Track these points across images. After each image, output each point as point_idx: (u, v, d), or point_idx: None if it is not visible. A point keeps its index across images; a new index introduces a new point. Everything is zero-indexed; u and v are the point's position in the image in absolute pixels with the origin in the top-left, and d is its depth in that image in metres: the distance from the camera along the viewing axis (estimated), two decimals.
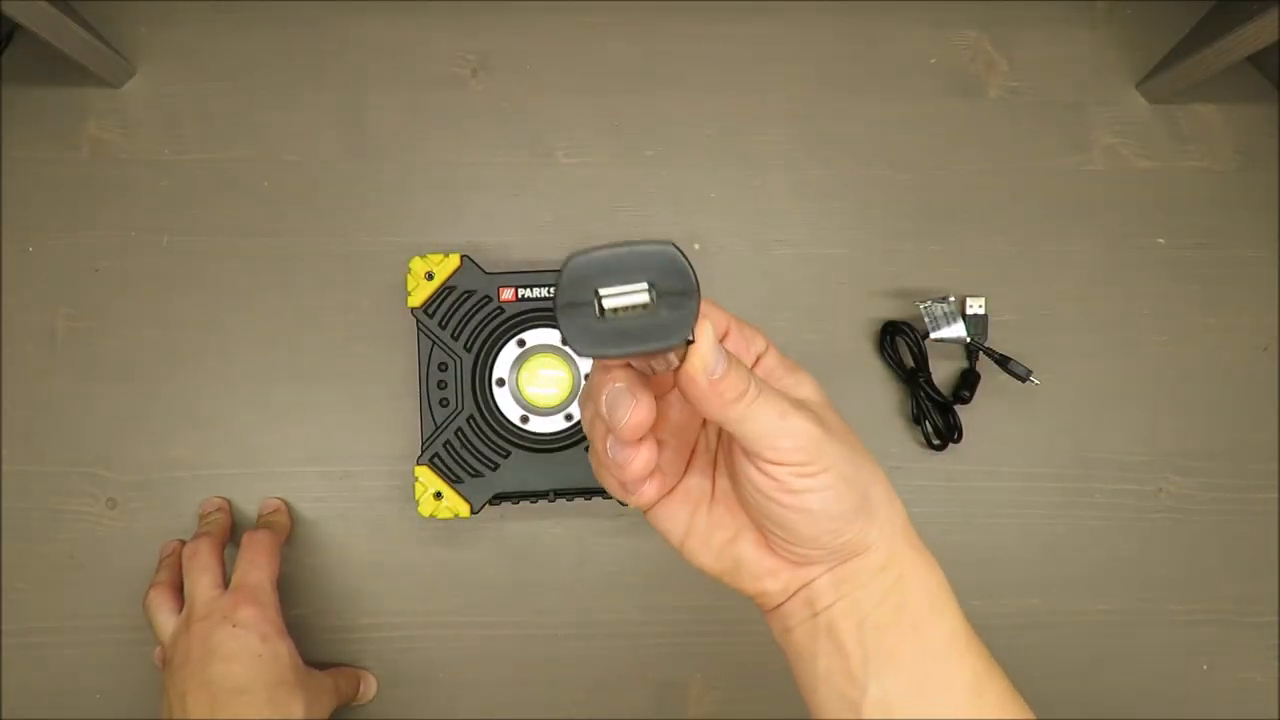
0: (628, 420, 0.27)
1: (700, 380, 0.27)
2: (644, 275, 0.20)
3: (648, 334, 0.19)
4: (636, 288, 0.19)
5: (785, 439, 0.28)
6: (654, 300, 0.19)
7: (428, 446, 0.51)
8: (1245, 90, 0.61)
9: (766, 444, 0.28)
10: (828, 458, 0.29)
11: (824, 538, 0.30)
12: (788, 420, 0.28)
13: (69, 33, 0.51)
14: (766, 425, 0.28)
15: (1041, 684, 0.57)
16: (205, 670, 0.44)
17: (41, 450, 0.55)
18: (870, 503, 0.30)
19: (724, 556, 0.32)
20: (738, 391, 0.27)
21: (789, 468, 0.28)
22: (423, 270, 0.52)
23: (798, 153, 0.60)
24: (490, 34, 0.60)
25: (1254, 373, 0.59)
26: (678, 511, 0.33)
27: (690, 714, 0.56)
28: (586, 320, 0.20)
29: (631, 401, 0.27)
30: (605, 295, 0.19)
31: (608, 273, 0.20)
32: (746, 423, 0.28)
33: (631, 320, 0.19)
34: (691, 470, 0.33)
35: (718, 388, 0.27)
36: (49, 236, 0.57)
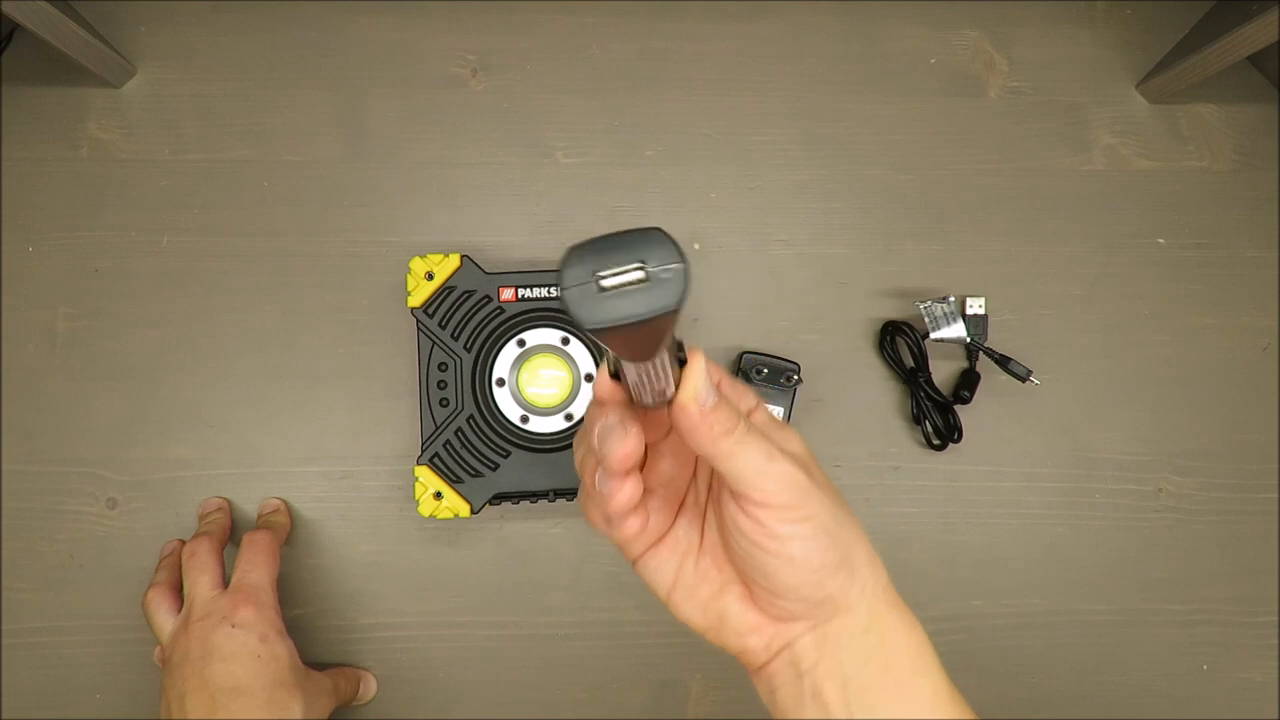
0: (617, 450, 0.29)
1: (691, 409, 0.28)
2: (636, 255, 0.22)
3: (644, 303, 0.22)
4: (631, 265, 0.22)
5: (771, 480, 0.29)
6: (647, 275, 0.22)
7: (428, 446, 0.51)
8: (1245, 90, 0.61)
9: (753, 484, 0.29)
10: (811, 505, 0.29)
11: (805, 588, 0.30)
12: (775, 462, 0.29)
13: (69, 33, 0.51)
14: (754, 465, 0.29)
15: (1041, 684, 0.57)
16: (204, 670, 0.44)
17: (41, 450, 0.55)
18: (852, 560, 0.31)
19: (709, 611, 0.33)
20: (726, 426, 0.28)
21: (773, 510, 0.29)
22: (423, 270, 0.52)
23: (798, 153, 0.60)
24: (490, 34, 0.60)
25: (1254, 373, 0.59)
26: (664, 562, 0.34)
27: (690, 714, 0.56)
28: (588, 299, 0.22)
29: (622, 433, 0.29)
30: (603, 275, 0.22)
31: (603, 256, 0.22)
32: (734, 459, 0.29)
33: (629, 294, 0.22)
34: (680, 521, 0.34)
35: (708, 419, 0.28)
36: (49, 236, 0.57)
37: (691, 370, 0.28)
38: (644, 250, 0.23)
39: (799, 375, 0.55)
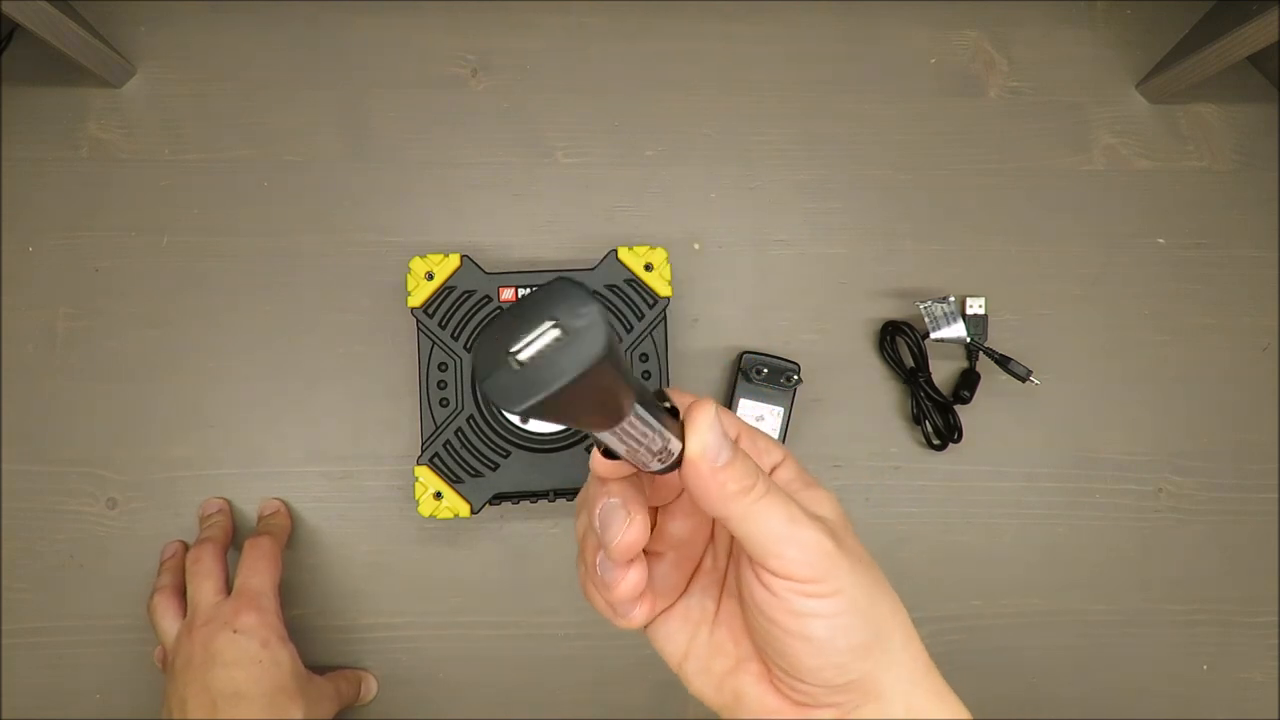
0: (619, 540, 0.26)
1: (701, 466, 0.25)
2: (544, 315, 0.20)
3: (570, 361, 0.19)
4: (541, 327, 0.19)
5: (792, 547, 0.25)
6: (563, 330, 0.19)
7: (428, 446, 0.51)
8: (1245, 90, 0.61)
9: (771, 551, 0.26)
10: (839, 579, 0.26)
11: (828, 672, 0.27)
12: (797, 527, 0.26)
13: (69, 33, 0.51)
14: (772, 529, 0.25)
15: (1041, 684, 0.57)
16: (206, 675, 0.45)
17: (41, 450, 0.55)
18: (884, 641, 0.27)
19: (724, 689, 0.29)
20: (742, 485, 0.25)
21: (794, 583, 0.26)
22: (423, 270, 0.52)
23: (798, 153, 0.60)
24: (490, 34, 0.60)
25: (1254, 373, 0.59)
26: (675, 631, 0.31)
27: (690, 714, 0.56)
28: (509, 381, 0.19)
29: (625, 520, 0.26)
30: (515, 350, 0.20)
31: (510, 330, 0.20)
32: (751, 521, 0.25)
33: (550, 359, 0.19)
34: (693, 587, 0.31)
35: (720, 477, 0.25)
36: (49, 236, 0.57)
37: (698, 423, 0.25)
38: (551, 307, 0.20)
39: (799, 375, 0.55)
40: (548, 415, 0.20)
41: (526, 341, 0.19)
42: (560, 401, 0.19)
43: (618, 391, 0.21)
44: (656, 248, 0.53)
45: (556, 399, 0.19)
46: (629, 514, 0.26)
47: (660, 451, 0.25)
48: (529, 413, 0.20)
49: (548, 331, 0.19)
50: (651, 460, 0.25)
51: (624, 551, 0.26)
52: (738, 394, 0.55)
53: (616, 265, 0.52)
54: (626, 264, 0.52)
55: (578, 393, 0.19)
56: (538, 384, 0.19)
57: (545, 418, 0.20)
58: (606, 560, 0.27)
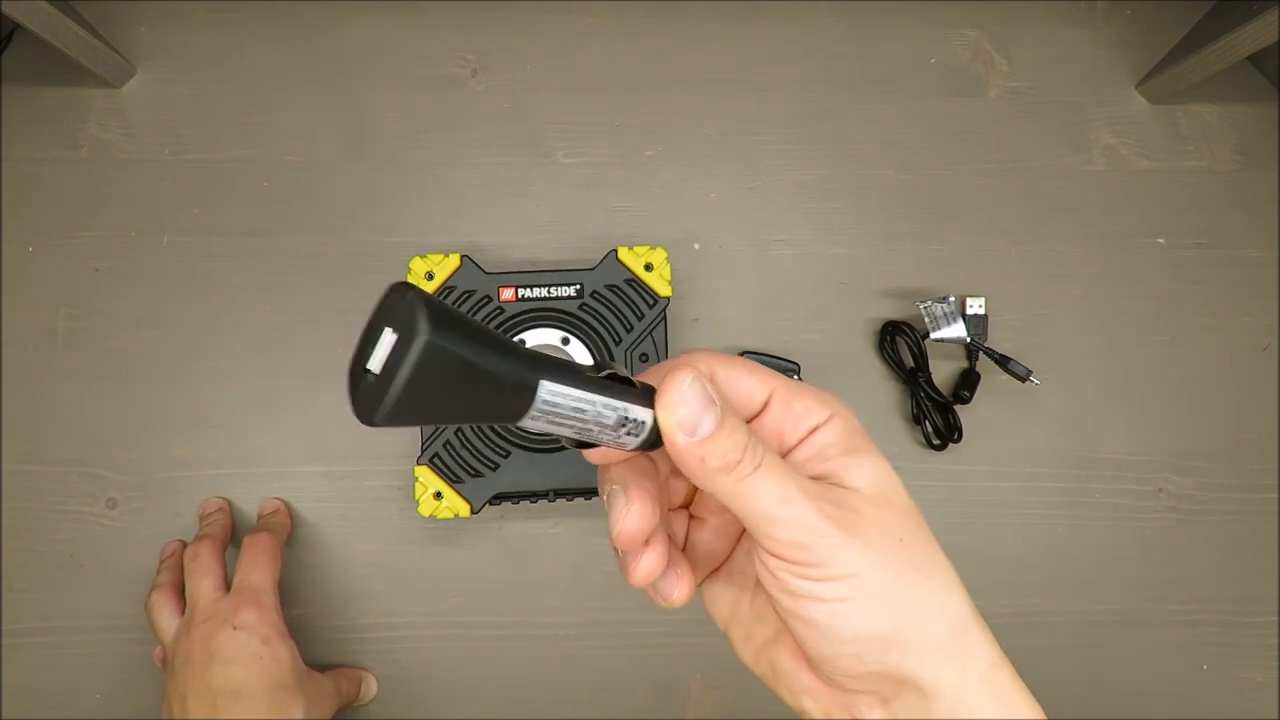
0: (618, 530, 0.25)
1: (677, 439, 0.23)
2: (381, 325, 0.20)
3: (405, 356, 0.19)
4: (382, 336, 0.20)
5: (781, 528, 0.23)
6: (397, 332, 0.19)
7: (428, 446, 0.51)
8: (1245, 90, 0.61)
9: (763, 530, 0.24)
10: (844, 563, 0.23)
11: (841, 662, 0.24)
12: (789, 507, 0.23)
13: (69, 33, 0.51)
14: (761, 507, 0.23)
15: (1041, 684, 0.56)
16: (206, 672, 0.44)
17: (41, 450, 0.55)
18: (917, 635, 0.24)
19: (761, 659, 0.28)
20: (725, 460, 0.23)
21: (786, 565, 0.24)
22: (423, 270, 0.52)
23: (798, 153, 0.60)
24: (490, 34, 0.60)
25: (1254, 373, 0.59)
26: (720, 594, 0.29)
27: (690, 714, 0.56)
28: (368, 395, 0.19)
29: (623, 507, 0.25)
30: (369, 364, 0.20)
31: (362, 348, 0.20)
32: (739, 498, 0.23)
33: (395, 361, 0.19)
34: (736, 553, 0.29)
35: (697, 451, 0.23)
36: (49, 236, 0.57)
37: (667, 394, 0.23)
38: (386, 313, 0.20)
39: (799, 375, 0.55)
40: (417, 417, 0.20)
41: (374, 353, 0.20)
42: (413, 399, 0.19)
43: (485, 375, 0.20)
44: (656, 248, 0.53)
45: (406, 398, 0.19)
46: (627, 500, 0.25)
47: (622, 425, 0.24)
48: (392, 420, 0.19)
49: (387, 336, 0.19)
50: (620, 437, 0.24)
51: (624, 540, 0.25)
52: None
53: (616, 265, 0.52)
54: (626, 264, 0.52)
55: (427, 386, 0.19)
56: (385, 390, 0.19)
57: (418, 420, 0.20)
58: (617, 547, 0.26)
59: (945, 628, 0.25)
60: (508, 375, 0.21)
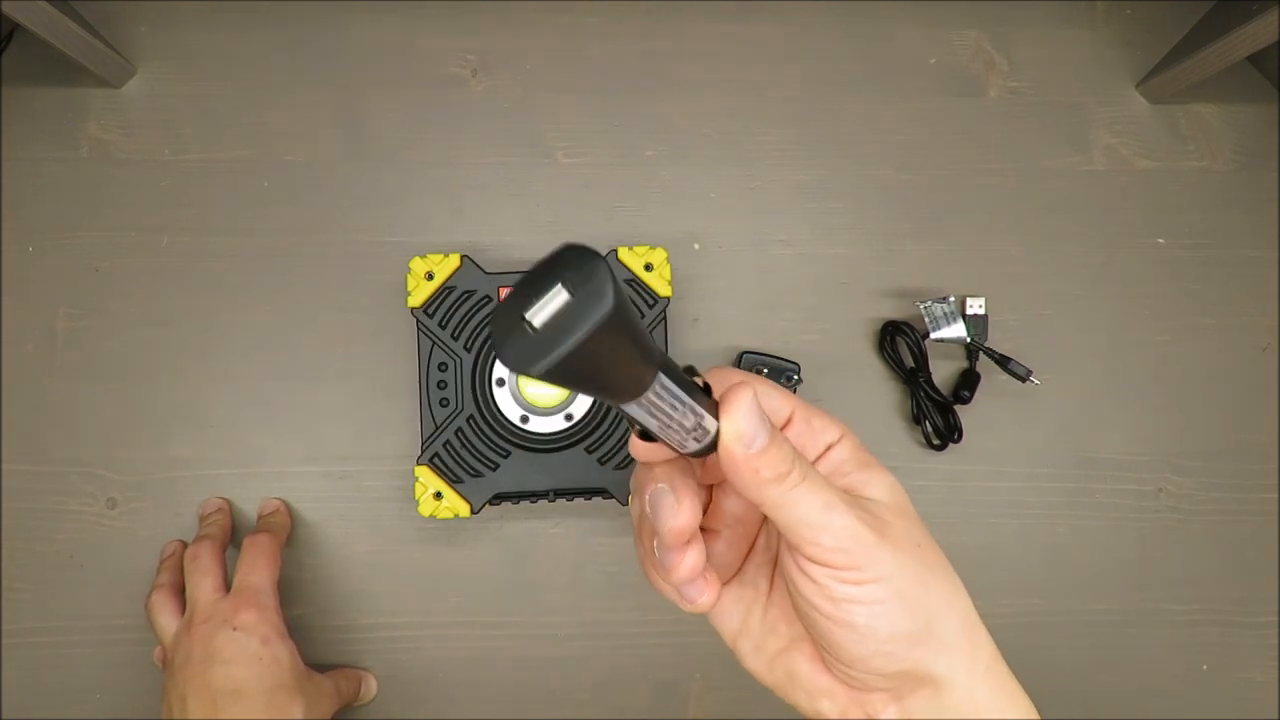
0: (669, 525, 0.26)
1: (735, 450, 0.25)
2: (553, 280, 0.20)
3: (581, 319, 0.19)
4: (552, 292, 0.20)
5: (826, 535, 0.25)
6: (573, 294, 0.20)
7: (428, 446, 0.51)
8: (1245, 90, 0.61)
9: (806, 537, 0.25)
10: (879, 566, 0.26)
11: (875, 661, 0.26)
12: (832, 514, 0.25)
13: (69, 33, 0.51)
14: (807, 515, 0.25)
15: (1041, 684, 0.56)
16: (206, 673, 0.45)
17: (41, 450, 0.55)
18: (937, 630, 0.27)
19: (776, 667, 0.30)
20: (777, 471, 0.25)
21: (830, 570, 0.26)
22: (423, 270, 0.52)
23: (798, 153, 0.60)
24: (490, 34, 0.60)
25: (1254, 373, 0.59)
26: (730, 608, 0.31)
27: (690, 714, 0.56)
28: (524, 346, 0.20)
29: (673, 504, 0.26)
30: (527, 315, 0.20)
31: (521, 298, 0.20)
32: (786, 509, 0.25)
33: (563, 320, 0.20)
34: (747, 567, 0.31)
35: (753, 463, 0.25)
36: (49, 236, 0.57)
37: (733, 406, 0.25)
38: (560, 271, 0.20)
39: (799, 375, 0.55)
40: (566, 379, 0.20)
41: (538, 306, 0.20)
42: (575, 362, 0.19)
43: (634, 356, 0.21)
44: (656, 248, 0.53)
45: (570, 359, 0.19)
46: (677, 499, 0.26)
47: (694, 430, 0.25)
48: (547, 376, 0.20)
49: (558, 294, 0.20)
50: (687, 439, 0.25)
51: (676, 536, 0.26)
52: None
53: (616, 265, 0.52)
54: (626, 264, 0.52)
55: (591, 353, 0.20)
56: (551, 346, 0.19)
57: (564, 382, 0.20)
58: (662, 544, 0.27)
59: (959, 624, 0.27)
60: (639, 361, 0.22)
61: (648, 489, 0.26)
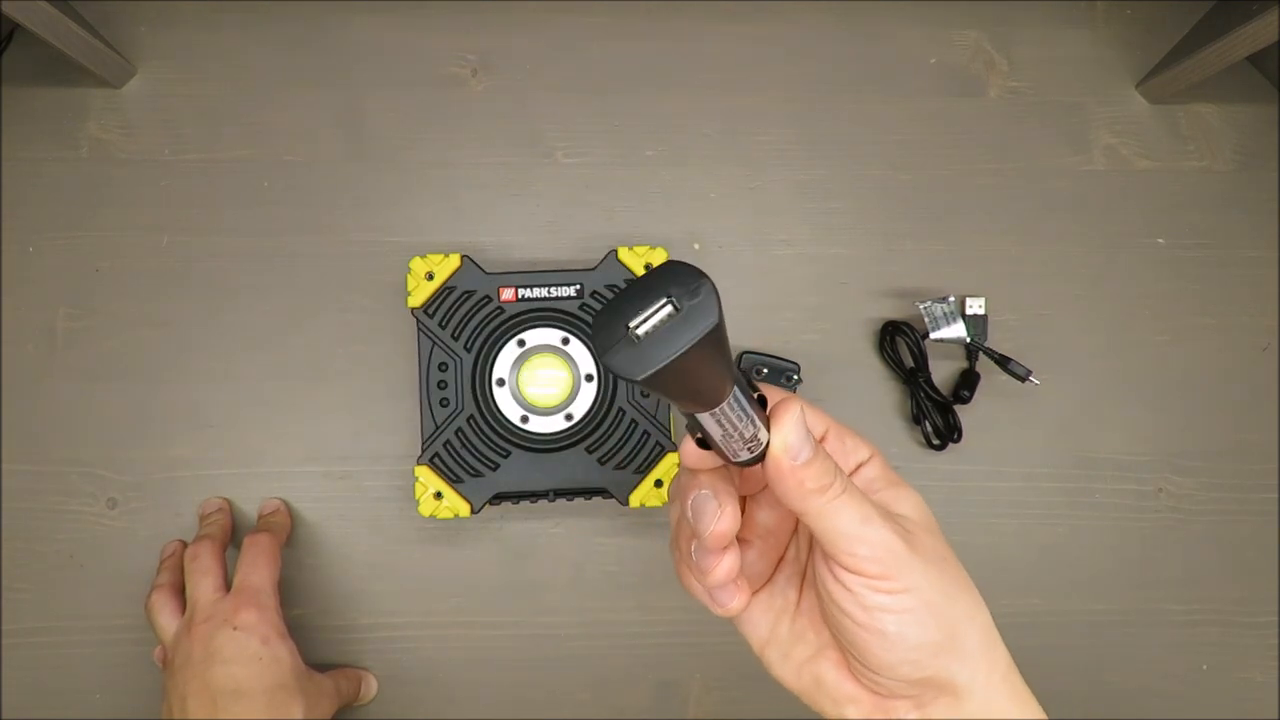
0: (712, 529, 0.27)
1: (783, 462, 0.27)
2: (660, 293, 0.21)
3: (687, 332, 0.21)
4: (657, 304, 0.21)
5: (863, 546, 0.27)
6: (678, 305, 0.21)
7: (428, 446, 0.51)
8: (1245, 90, 0.61)
9: (843, 547, 0.27)
10: (910, 577, 0.27)
11: (902, 668, 0.28)
12: (870, 527, 0.27)
13: (69, 33, 0.51)
14: (846, 526, 0.27)
15: (1041, 684, 0.56)
16: (206, 673, 0.45)
17: (41, 450, 0.55)
18: (960, 640, 0.28)
19: (803, 674, 0.31)
20: (820, 483, 0.27)
21: (865, 580, 0.27)
22: (423, 270, 0.52)
23: (798, 153, 0.60)
24: (490, 34, 0.60)
25: (1254, 373, 0.59)
26: (759, 617, 0.32)
27: (690, 714, 0.56)
28: (628, 353, 0.21)
29: (716, 509, 0.27)
30: (634, 324, 0.21)
31: (628, 307, 0.21)
32: (826, 519, 0.27)
33: (667, 332, 0.21)
34: (778, 576, 0.33)
35: (799, 474, 0.27)
36: (49, 236, 0.57)
37: (783, 420, 0.27)
38: (665, 285, 0.22)
39: (799, 375, 0.55)
40: (662, 387, 0.22)
41: (644, 317, 0.21)
42: (675, 372, 0.21)
43: (723, 369, 0.23)
44: (656, 248, 0.53)
45: (672, 369, 0.21)
46: (720, 504, 0.27)
47: (750, 440, 0.27)
48: (648, 383, 0.21)
49: (664, 307, 0.21)
50: (741, 449, 0.27)
51: (717, 540, 0.28)
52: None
53: (616, 265, 0.52)
54: (626, 264, 0.52)
55: (690, 365, 0.21)
56: (655, 356, 0.21)
57: (660, 390, 0.22)
58: (701, 547, 0.29)
59: (979, 634, 0.29)
60: (726, 374, 0.24)
61: (691, 494, 0.28)
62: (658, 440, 0.51)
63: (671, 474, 0.51)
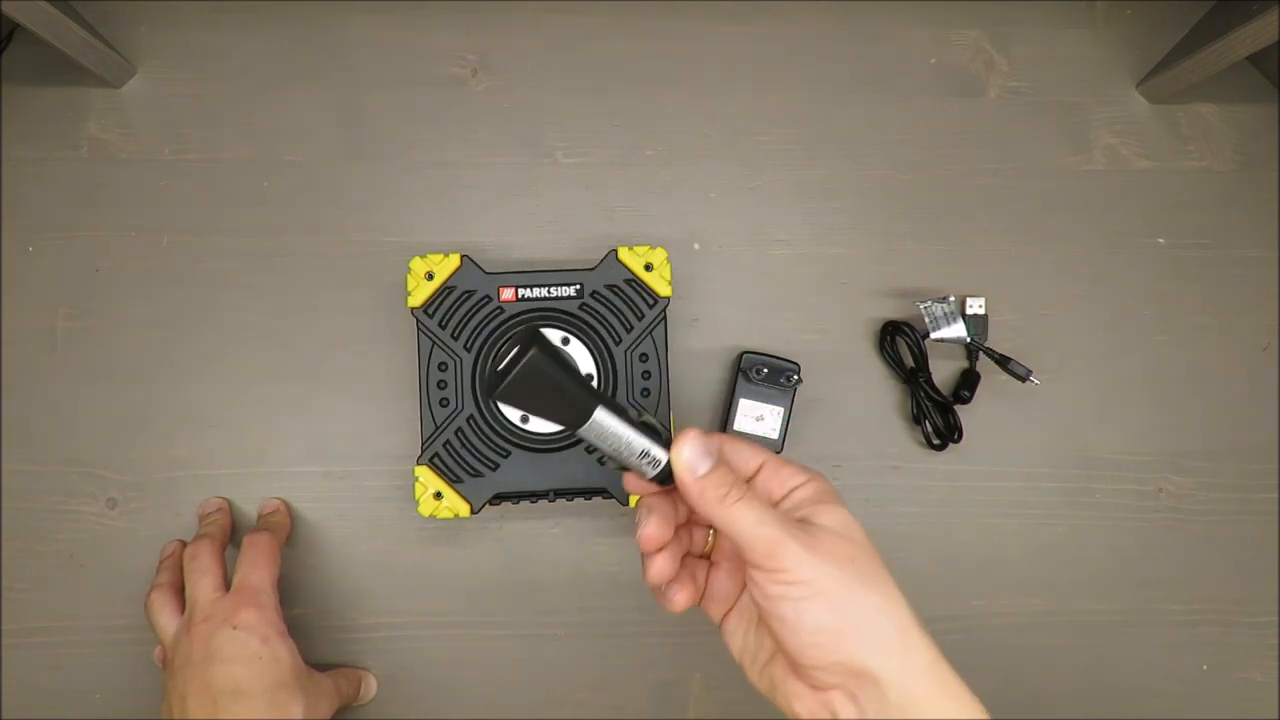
0: (640, 534, 0.35)
1: (684, 475, 0.33)
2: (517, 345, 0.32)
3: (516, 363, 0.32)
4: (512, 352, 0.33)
5: (759, 543, 0.32)
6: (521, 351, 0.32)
7: (428, 446, 0.51)
8: (1245, 90, 0.61)
9: (746, 545, 0.32)
10: (802, 570, 0.31)
11: (810, 651, 0.31)
12: (763, 528, 0.32)
13: (69, 33, 0.51)
14: (744, 527, 0.32)
15: (1042, 684, 0.57)
16: (206, 672, 0.44)
17: (41, 450, 0.55)
18: (866, 631, 0.31)
19: (764, 677, 0.35)
20: (719, 492, 0.32)
21: (764, 573, 0.32)
22: (423, 270, 0.52)
23: (798, 153, 0.60)
24: (490, 34, 0.60)
25: (1254, 373, 0.59)
26: (734, 628, 0.37)
27: (690, 714, 0.56)
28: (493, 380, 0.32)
29: (644, 516, 0.35)
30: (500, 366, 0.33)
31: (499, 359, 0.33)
32: (730, 523, 0.32)
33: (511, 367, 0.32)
34: (745, 596, 0.37)
35: (699, 485, 0.32)
36: (49, 236, 0.57)
37: (680, 442, 0.33)
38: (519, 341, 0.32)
39: (799, 375, 0.55)
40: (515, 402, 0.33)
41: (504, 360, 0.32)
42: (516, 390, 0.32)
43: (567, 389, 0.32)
44: (656, 248, 0.53)
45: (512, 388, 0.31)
46: (646, 516, 0.35)
47: (644, 456, 0.34)
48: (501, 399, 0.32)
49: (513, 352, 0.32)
50: (643, 465, 0.34)
51: (644, 543, 0.35)
52: (738, 394, 0.55)
53: (616, 265, 0.52)
54: (626, 264, 0.52)
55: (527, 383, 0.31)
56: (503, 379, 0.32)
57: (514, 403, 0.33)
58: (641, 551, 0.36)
59: (889, 626, 0.32)
60: (574, 397, 0.33)
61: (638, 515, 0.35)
62: None
63: None
